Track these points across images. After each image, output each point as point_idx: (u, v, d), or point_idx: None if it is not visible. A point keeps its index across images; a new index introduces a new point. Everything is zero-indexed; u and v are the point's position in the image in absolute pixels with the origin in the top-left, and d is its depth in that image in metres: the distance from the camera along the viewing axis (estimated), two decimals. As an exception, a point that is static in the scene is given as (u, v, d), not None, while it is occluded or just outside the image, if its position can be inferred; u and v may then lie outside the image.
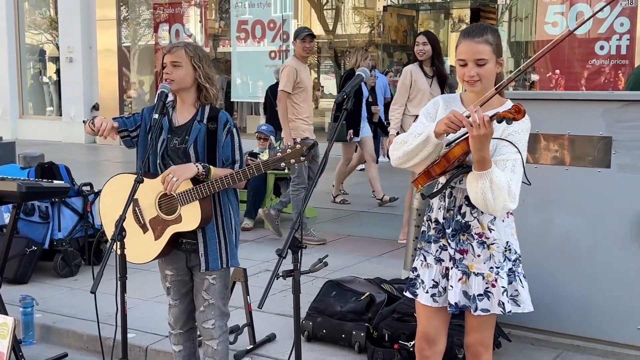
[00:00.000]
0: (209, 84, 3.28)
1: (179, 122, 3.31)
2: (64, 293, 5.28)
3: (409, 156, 2.70)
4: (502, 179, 2.56)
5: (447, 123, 2.54)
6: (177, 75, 3.23)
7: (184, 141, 3.25)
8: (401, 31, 16.23)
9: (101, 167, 12.28)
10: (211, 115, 3.27)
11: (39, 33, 18.29)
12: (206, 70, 3.28)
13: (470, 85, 2.69)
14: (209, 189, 3.11)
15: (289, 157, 3.02)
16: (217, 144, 3.24)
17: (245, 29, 14.85)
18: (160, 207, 3.24)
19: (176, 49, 3.25)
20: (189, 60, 3.23)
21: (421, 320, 2.94)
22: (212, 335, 3.37)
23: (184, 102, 3.31)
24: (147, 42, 16.58)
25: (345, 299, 4.19)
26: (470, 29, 2.73)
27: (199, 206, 3.13)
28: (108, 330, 4.46)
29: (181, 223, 3.19)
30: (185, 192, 3.13)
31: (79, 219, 5.78)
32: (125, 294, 3.05)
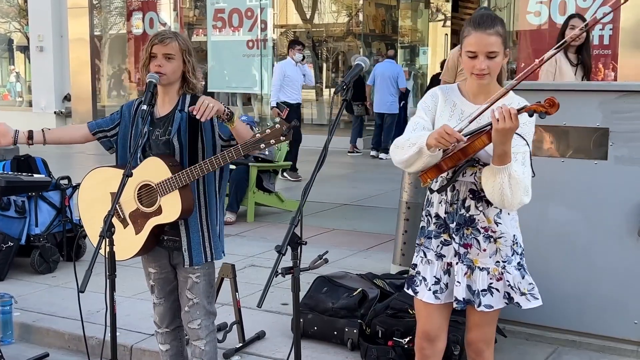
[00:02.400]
0: (195, 77, 3.21)
1: (159, 113, 3.21)
2: (42, 290, 5.17)
3: (406, 163, 2.68)
4: (519, 174, 2.53)
5: (437, 138, 2.50)
6: (169, 68, 3.11)
7: (166, 132, 3.16)
8: (379, 20, 16.20)
9: (75, 160, 12.09)
10: (192, 103, 3.14)
11: (6, 22, 17.98)
12: (194, 63, 3.20)
13: (479, 78, 2.64)
14: (189, 177, 3.01)
15: (269, 137, 2.90)
16: (200, 132, 3.14)
17: (222, 18, 14.72)
18: (140, 200, 3.14)
19: (169, 41, 3.11)
20: (182, 53, 3.13)
21: (421, 318, 2.90)
22: (199, 336, 3.30)
23: (166, 93, 3.21)
24: (119, 31, 16.37)
25: (337, 295, 4.14)
26: (479, 20, 2.65)
27: (179, 195, 3.03)
28: (91, 329, 4.37)
29: (161, 215, 3.09)
30: (164, 181, 3.04)
31: (57, 213, 5.65)
32: (115, 292, 2.95)
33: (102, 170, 3.28)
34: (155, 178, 3.06)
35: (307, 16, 17.14)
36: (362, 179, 10.02)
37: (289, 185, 9.30)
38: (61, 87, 16.01)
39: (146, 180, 3.09)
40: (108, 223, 2.85)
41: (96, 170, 3.30)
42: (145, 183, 3.10)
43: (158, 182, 3.05)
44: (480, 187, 2.68)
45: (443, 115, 2.74)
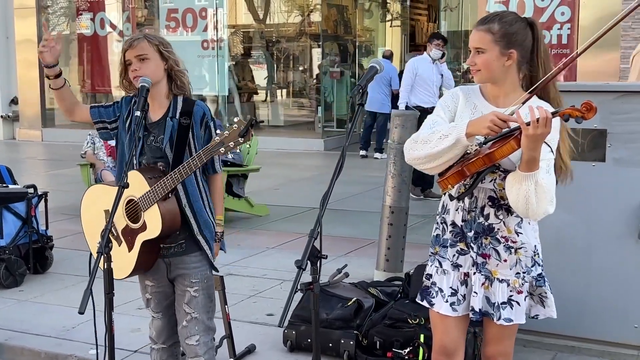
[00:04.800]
0: (180, 72, 3.06)
1: (152, 118, 3.06)
2: (11, 306, 4.91)
3: (431, 158, 2.54)
4: (546, 181, 2.43)
5: (489, 126, 2.38)
6: (147, 69, 2.96)
7: (158, 139, 3.02)
8: (332, 21, 16.12)
9: (25, 165, 11.68)
10: (185, 110, 3.03)
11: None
12: (175, 57, 3.05)
13: (473, 74, 2.60)
14: (163, 188, 2.87)
15: (228, 139, 2.77)
16: (189, 141, 3.00)
17: (176, 18, 14.44)
18: (129, 216, 2.98)
19: (138, 42, 2.97)
20: (156, 49, 2.99)
21: (438, 332, 2.78)
22: (197, 353, 3.13)
23: (156, 96, 3.05)
24: (70, 32, 15.92)
25: (331, 305, 4.00)
26: (482, 17, 2.63)
27: (157, 209, 2.89)
28: (68, 347, 4.18)
29: (147, 230, 2.95)
30: (144, 195, 2.90)
31: (22, 224, 5.38)
32: (113, 312, 2.76)
33: (96, 188, 3.20)
34: (138, 192, 2.93)
35: (259, 16, 16.98)
36: (326, 181, 9.90)
37: (255, 189, 9.13)
38: (7, 89, 15.50)
39: (131, 195, 2.95)
40: (105, 238, 2.67)
41: (92, 188, 3.21)
42: (131, 198, 2.96)
43: (140, 196, 2.91)
44: (500, 194, 2.58)
45: (463, 117, 2.63)
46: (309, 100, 15.99)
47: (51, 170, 11.38)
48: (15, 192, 3.83)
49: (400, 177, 5.08)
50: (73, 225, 6.60)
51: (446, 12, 17.59)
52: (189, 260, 3.06)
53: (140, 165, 3.04)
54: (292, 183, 9.07)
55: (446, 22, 15.52)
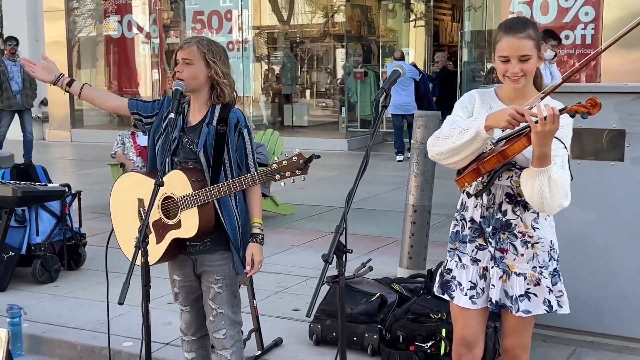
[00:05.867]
0: (224, 82, 3.16)
1: (191, 122, 3.20)
2: (46, 301, 5.10)
3: (453, 152, 2.65)
4: (559, 176, 2.54)
5: (509, 119, 2.49)
6: (187, 73, 3.10)
7: (193, 143, 3.15)
8: (355, 21, 16.23)
9: (55, 165, 11.91)
10: (221, 117, 3.14)
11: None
12: (220, 67, 3.15)
13: (513, 82, 2.65)
14: (207, 196, 3.01)
15: (285, 169, 2.92)
16: (225, 148, 3.12)
17: (201, 20, 14.64)
18: (163, 210, 3.13)
19: (188, 45, 3.12)
20: (202, 56, 3.11)
21: (458, 324, 2.90)
22: (224, 345, 3.27)
23: (196, 100, 3.19)
24: (97, 34, 16.20)
25: (355, 301, 4.13)
26: (510, 24, 2.68)
27: (197, 213, 3.03)
28: (102, 340, 4.34)
29: (180, 229, 3.10)
30: (185, 196, 3.03)
31: (57, 222, 5.57)
32: (149, 303, 2.91)
33: (133, 175, 3.30)
34: (178, 192, 3.06)
35: (284, 17, 17.13)
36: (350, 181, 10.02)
37: (280, 188, 9.27)
38: (38, 91, 15.77)
39: (170, 193, 3.08)
40: (143, 234, 2.82)
41: (127, 175, 3.33)
42: (169, 195, 3.09)
43: (180, 196, 3.05)
44: (517, 191, 2.70)
45: (479, 116, 2.74)
46: (333, 101, 16.12)
47: (80, 170, 11.62)
48: (54, 191, 4.00)
49: (423, 177, 5.18)
50: (104, 224, 6.76)
51: (470, 12, 17.61)
52: (213, 258, 3.17)
53: (173, 164, 3.18)
54: (317, 183, 9.19)
55: (470, 22, 15.53)
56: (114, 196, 3.31)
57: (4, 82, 11.03)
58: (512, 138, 2.58)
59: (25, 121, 11.34)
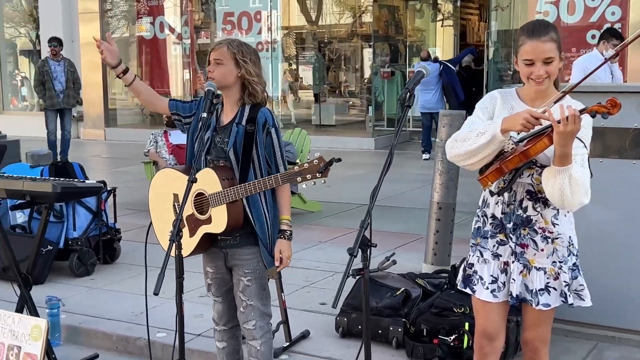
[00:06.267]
0: (255, 81, 3.24)
1: (223, 122, 3.29)
2: (83, 293, 5.24)
3: (470, 154, 2.72)
4: (580, 175, 2.59)
5: (523, 123, 2.55)
6: (217, 73, 3.19)
7: (224, 142, 3.24)
8: (383, 21, 16.26)
9: (90, 163, 12.11)
10: (251, 117, 3.22)
11: (11, 26, 18.00)
12: (251, 67, 3.23)
13: (537, 84, 2.71)
14: (235, 194, 3.10)
15: (306, 172, 3.00)
16: (254, 147, 3.21)
17: (232, 21, 14.78)
18: (195, 206, 3.23)
19: (219, 46, 3.22)
20: (232, 57, 3.19)
21: (480, 317, 2.96)
22: (254, 336, 3.36)
23: (227, 100, 3.29)
24: (130, 35, 16.42)
25: (380, 295, 4.20)
26: (533, 28, 2.73)
27: (226, 210, 3.13)
28: (137, 330, 4.46)
29: (211, 224, 3.20)
30: (215, 193, 3.13)
31: (93, 217, 5.72)
32: (183, 294, 3.01)
33: (169, 171, 3.41)
34: (209, 189, 3.16)
35: (312, 18, 17.21)
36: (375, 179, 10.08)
37: (309, 186, 9.35)
38: (79, 91, 16.07)
39: (202, 189, 3.18)
40: (177, 228, 2.92)
41: (163, 171, 3.44)
42: (201, 192, 3.19)
43: (210, 193, 3.14)
44: (538, 188, 2.75)
45: (500, 117, 2.80)
46: (360, 100, 16.17)
47: (114, 167, 11.81)
48: (91, 187, 4.11)
49: (447, 175, 5.24)
50: (138, 220, 6.94)
51: (497, 12, 17.54)
52: (242, 252, 3.27)
53: (207, 162, 3.28)
54: (343, 180, 9.27)
55: (497, 22, 15.49)
56: (152, 191, 3.43)
57: (47, 81, 11.25)
58: (534, 138, 2.63)
59: (65, 120, 11.51)
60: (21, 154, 6.46)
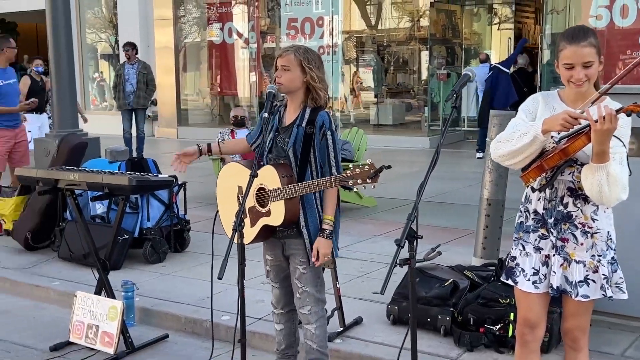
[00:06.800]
0: (319, 86, 3.32)
1: (285, 122, 3.39)
2: (155, 278, 5.42)
3: (513, 154, 2.75)
4: (618, 172, 2.60)
5: (562, 123, 2.58)
6: (285, 78, 3.29)
7: (284, 142, 3.34)
8: (440, 25, 16.15)
9: (163, 159, 12.38)
10: (310, 119, 3.30)
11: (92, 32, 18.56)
12: (316, 74, 3.31)
13: (577, 87, 2.73)
14: (292, 192, 3.19)
15: (357, 177, 3.06)
16: (312, 148, 3.29)
17: (295, 26, 14.91)
18: (257, 199, 3.34)
19: (286, 53, 3.31)
20: (298, 63, 3.28)
21: (522, 307, 2.98)
22: (309, 320, 3.45)
23: (292, 103, 3.38)
24: (195, 39, 16.76)
25: (430, 285, 4.24)
26: (572, 34, 2.75)
27: (283, 205, 3.23)
28: (203, 313, 4.61)
29: (270, 217, 3.30)
30: (274, 189, 3.23)
31: (165, 209, 5.91)
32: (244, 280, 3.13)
33: (235, 165, 3.52)
34: (270, 184, 3.26)
35: (372, 22, 17.23)
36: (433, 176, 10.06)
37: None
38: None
39: (263, 184, 3.29)
40: (239, 218, 3.03)
41: (230, 164, 3.57)
42: (262, 186, 3.29)
43: (270, 188, 3.24)
44: (578, 185, 2.76)
45: (542, 119, 2.82)
46: (417, 101, 16.12)
47: (189, 163, 12.06)
48: (163, 181, 4.27)
49: (497, 172, 5.22)
50: (206, 212, 7.13)
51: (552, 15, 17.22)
52: (298, 242, 3.35)
53: (268, 160, 3.39)
54: (399, 178, 9.29)
55: (551, 25, 15.20)
56: (220, 182, 3.56)
57: (120, 83, 11.56)
58: (573, 136, 2.65)
59: (138, 120, 11.72)
60: (101, 151, 6.69)
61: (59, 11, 6.45)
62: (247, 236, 3.36)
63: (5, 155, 6.90)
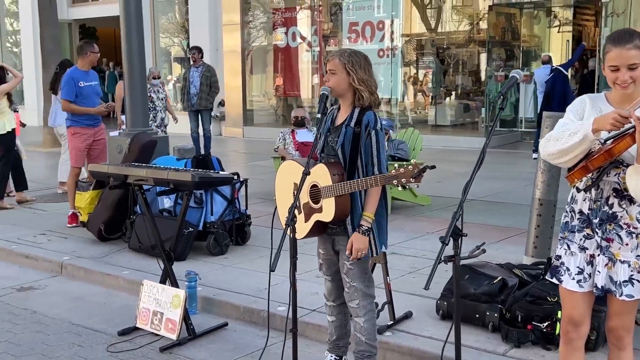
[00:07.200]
0: (363, 88, 3.34)
1: (336, 122, 3.42)
2: (217, 270, 5.53)
3: (562, 153, 2.71)
4: None
5: (612, 122, 2.53)
6: (332, 82, 3.35)
7: (334, 142, 3.38)
8: (500, 28, 15.87)
9: (229, 157, 12.66)
10: (358, 119, 3.33)
11: (166, 37, 18.99)
12: (360, 75, 3.34)
13: (623, 89, 2.67)
14: (341, 190, 3.22)
15: (401, 176, 3.06)
16: (359, 147, 3.31)
17: (356, 30, 14.91)
18: (311, 195, 3.37)
19: (332, 58, 3.38)
20: (343, 67, 3.33)
21: (567, 305, 2.93)
22: (358, 314, 3.48)
23: (343, 104, 3.44)
24: (262, 43, 16.95)
25: (479, 282, 4.20)
26: (618, 37, 2.70)
27: (334, 202, 3.26)
28: (261, 304, 4.68)
29: (322, 213, 3.34)
30: (325, 187, 3.27)
31: (228, 204, 6.02)
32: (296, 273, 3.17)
33: (292, 163, 3.58)
34: (322, 182, 3.30)
35: (431, 25, 17.08)
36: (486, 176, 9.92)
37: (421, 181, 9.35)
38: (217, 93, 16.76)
39: (316, 182, 3.33)
40: (292, 214, 3.08)
41: (287, 162, 3.62)
42: (315, 183, 3.33)
43: (322, 186, 3.28)
44: (624, 186, 2.70)
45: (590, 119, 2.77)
46: (475, 102, 15.90)
47: (250, 161, 12.27)
48: (224, 178, 4.38)
49: (549, 173, 5.13)
50: (266, 207, 7.22)
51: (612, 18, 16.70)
52: (345, 239, 3.38)
53: (321, 159, 3.43)
54: (454, 177, 9.18)
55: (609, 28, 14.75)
56: (278, 178, 3.62)
57: (185, 86, 11.79)
58: (618, 137, 2.60)
59: (204, 120, 11.85)
60: (170, 149, 6.87)
61: (131, 16, 6.64)
62: (301, 231, 3.41)
63: (85, 151, 7.13)
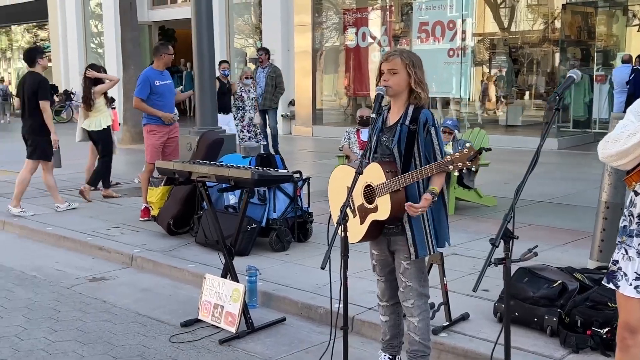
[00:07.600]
0: (421, 88, 3.31)
1: (389, 122, 3.39)
2: (278, 265, 5.58)
3: (621, 155, 2.60)
4: None
5: None
6: (393, 81, 3.30)
7: (390, 140, 3.33)
8: (575, 27, 15.36)
9: (298, 156, 12.76)
10: (413, 117, 3.29)
11: (242, 38, 19.28)
12: (419, 75, 3.31)
13: None
14: (397, 184, 3.17)
15: (457, 160, 2.99)
16: (415, 144, 3.26)
17: (426, 30, 14.75)
18: (365, 197, 3.35)
19: (393, 57, 3.31)
20: (404, 66, 3.29)
21: (623, 311, 2.81)
22: (412, 313, 3.43)
23: (395, 103, 3.39)
24: (334, 44, 16.98)
25: (538, 286, 4.08)
26: None
27: (389, 199, 3.21)
28: (319, 300, 4.70)
29: (377, 212, 3.30)
30: (380, 185, 3.23)
31: (290, 202, 6.07)
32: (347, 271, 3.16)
33: (344, 167, 3.57)
34: (375, 181, 3.27)
35: (504, 25, 16.71)
36: (556, 177, 9.63)
37: (486, 182, 9.17)
38: (287, 93, 16.91)
39: (369, 182, 3.30)
40: (343, 212, 3.07)
41: (339, 167, 3.61)
42: (369, 183, 3.31)
43: (376, 184, 3.25)
44: None
45: None
46: (547, 102, 15.46)
47: (317, 160, 12.32)
48: (283, 176, 4.41)
49: (616, 175, 4.94)
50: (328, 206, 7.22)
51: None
52: (402, 239, 3.34)
53: (374, 159, 3.40)
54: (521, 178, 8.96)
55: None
56: (330, 183, 3.61)
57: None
58: None
59: (269, 119, 11.93)
60: (236, 147, 6.98)
61: (202, 18, 6.78)
62: (357, 234, 3.40)
63: (160, 148, 7.31)
